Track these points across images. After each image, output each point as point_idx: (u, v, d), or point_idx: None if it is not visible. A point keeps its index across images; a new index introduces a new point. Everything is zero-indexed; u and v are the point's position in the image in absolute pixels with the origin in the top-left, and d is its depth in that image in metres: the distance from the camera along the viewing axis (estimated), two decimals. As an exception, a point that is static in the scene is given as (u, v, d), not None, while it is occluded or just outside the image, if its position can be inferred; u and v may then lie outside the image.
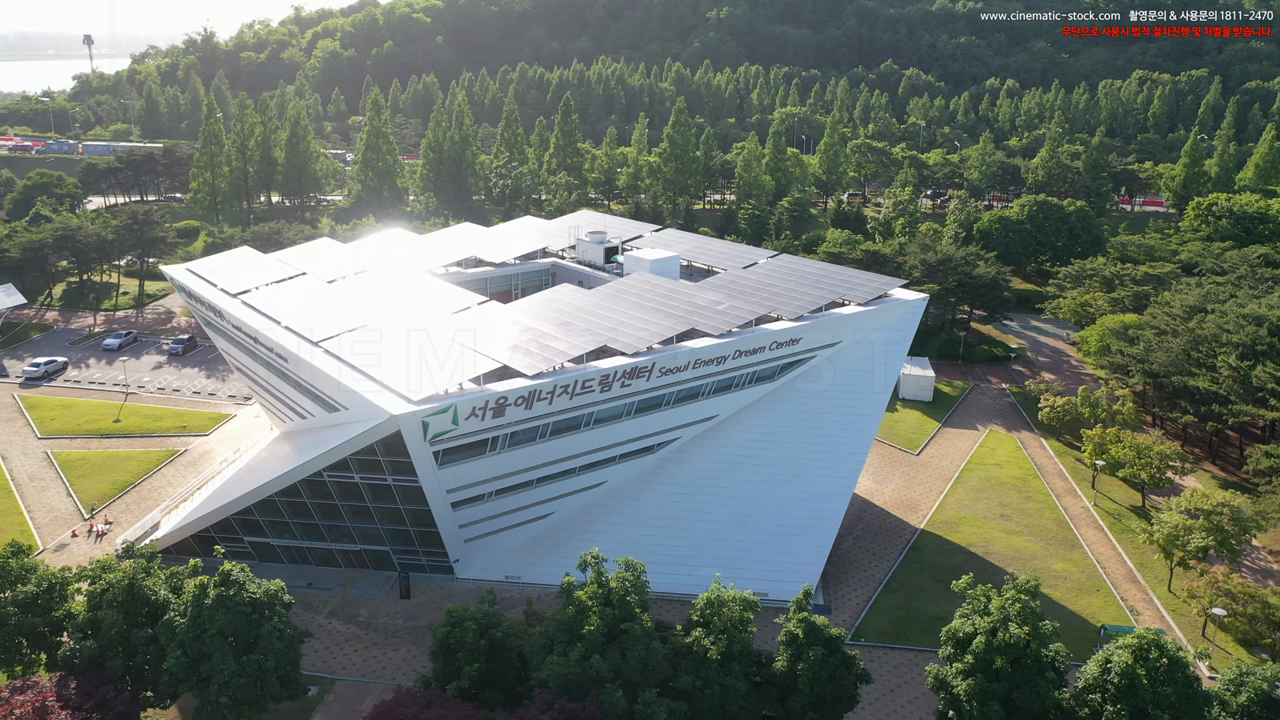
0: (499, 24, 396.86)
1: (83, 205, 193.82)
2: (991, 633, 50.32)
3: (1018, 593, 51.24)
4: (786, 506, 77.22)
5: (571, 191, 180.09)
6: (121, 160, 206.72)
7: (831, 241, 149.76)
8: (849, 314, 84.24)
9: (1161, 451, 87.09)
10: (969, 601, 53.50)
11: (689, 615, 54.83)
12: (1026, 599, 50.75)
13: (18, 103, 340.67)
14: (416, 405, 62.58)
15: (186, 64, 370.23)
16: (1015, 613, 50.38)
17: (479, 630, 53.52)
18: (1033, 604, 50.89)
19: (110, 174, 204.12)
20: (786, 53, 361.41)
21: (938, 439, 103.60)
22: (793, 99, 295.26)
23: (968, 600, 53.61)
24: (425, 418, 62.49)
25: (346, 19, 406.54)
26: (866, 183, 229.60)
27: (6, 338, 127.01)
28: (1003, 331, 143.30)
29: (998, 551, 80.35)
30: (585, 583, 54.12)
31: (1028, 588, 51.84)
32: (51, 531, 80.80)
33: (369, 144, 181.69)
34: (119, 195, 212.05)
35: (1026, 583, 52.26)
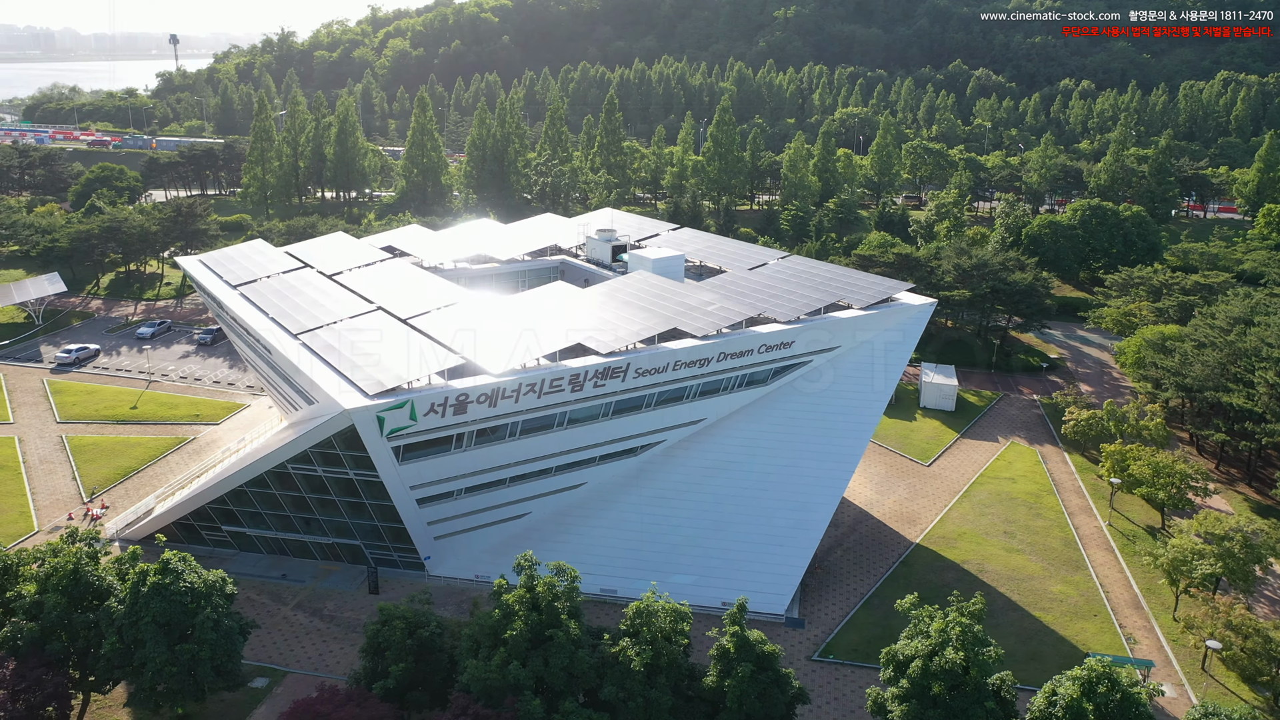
0: (567, 23, 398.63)
1: (143, 198, 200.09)
2: (929, 656, 47.46)
3: (960, 615, 48.21)
4: (769, 515, 74.77)
5: (611, 190, 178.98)
6: (183, 155, 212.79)
7: (867, 244, 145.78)
8: (847, 318, 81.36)
9: (1182, 471, 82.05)
10: (913, 622, 50.62)
11: (619, 624, 53.02)
12: (969, 623, 47.72)
13: (103, 100, 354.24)
14: (371, 399, 62.03)
15: (262, 63, 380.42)
16: (955, 636, 47.41)
17: (407, 629, 52.69)
18: (975, 628, 47.84)
19: (171, 168, 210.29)
20: (854, 53, 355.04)
21: (953, 450, 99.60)
22: (855, 99, 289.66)
23: (912, 620, 50.72)
24: (380, 412, 61.91)
25: (418, 19, 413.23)
26: (921, 185, 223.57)
27: (48, 324, 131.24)
28: (1044, 341, 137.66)
29: (993, 570, 76.59)
30: (517, 586, 52.78)
31: (972, 610, 48.78)
32: (50, 514, 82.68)
33: (414, 141, 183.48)
34: (180, 189, 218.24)
35: (971, 605, 49.17)
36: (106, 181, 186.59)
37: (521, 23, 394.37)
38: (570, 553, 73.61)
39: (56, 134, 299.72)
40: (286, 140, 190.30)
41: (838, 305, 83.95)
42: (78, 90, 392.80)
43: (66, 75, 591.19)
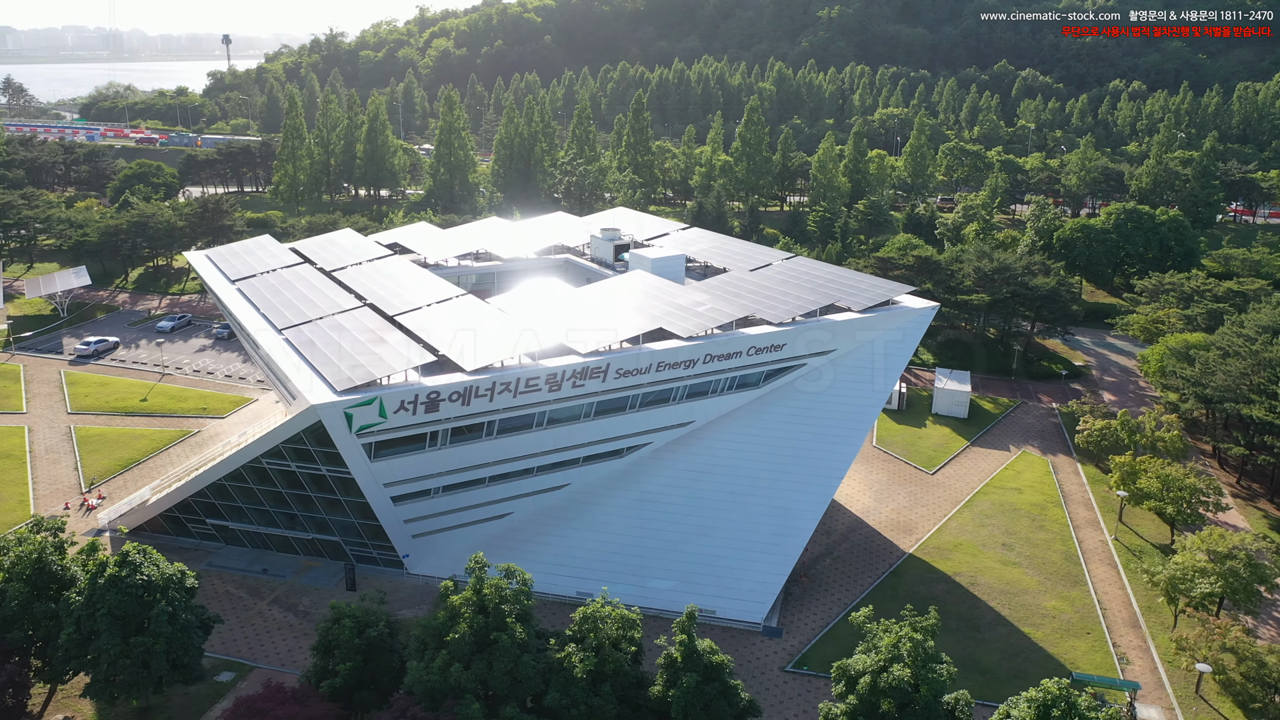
0: (610, 23, 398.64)
1: (181, 195, 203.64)
2: (878, 672, 45.69)
3: (912, 630, 46.34)
4: (753, 521, 73.23)
5: (636, 190, 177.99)
6: (221, 153, 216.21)
7: (890, 246, 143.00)
8: (841, 320, 79.47)
9: (1192, 485, 78.75)
10: (868, 636, 48.85)
11: (566, 629, 51.99)
12: (920, 638, 45.85)
13: (154, 98, 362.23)
14: (339, 396, 61.73)
15: (309, 63, 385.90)
16: (906, 652, 45.58)
17: (356, 628, 52.16)
18: (927, 644, 45.96)
19: (209, 165, 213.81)
20: (899, 53, 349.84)
21: (961, 458, 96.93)
22: (895, 100, 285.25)
23: (866, 634, 48.95)
24: (348, 409, 61.58)
25: (463, 19, 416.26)
26: (958, 187, 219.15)
27: (73, 317, 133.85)
28: (1071, 348, 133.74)
29: (985, 583, 74.13)
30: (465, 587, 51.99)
31: (924, 626, 46.87)
32: (48, 503, 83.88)
33: (441, 139, 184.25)
34: (218, 186, 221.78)
35: (924, 621, 47.26)
36: (144, 178, 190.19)
37: (565, 23, 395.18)
38: (550, 554, 73.52)
39: (107, 131, 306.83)
40: (318, 138, 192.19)
41: (835, 308, 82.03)
42: (132, 89, 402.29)
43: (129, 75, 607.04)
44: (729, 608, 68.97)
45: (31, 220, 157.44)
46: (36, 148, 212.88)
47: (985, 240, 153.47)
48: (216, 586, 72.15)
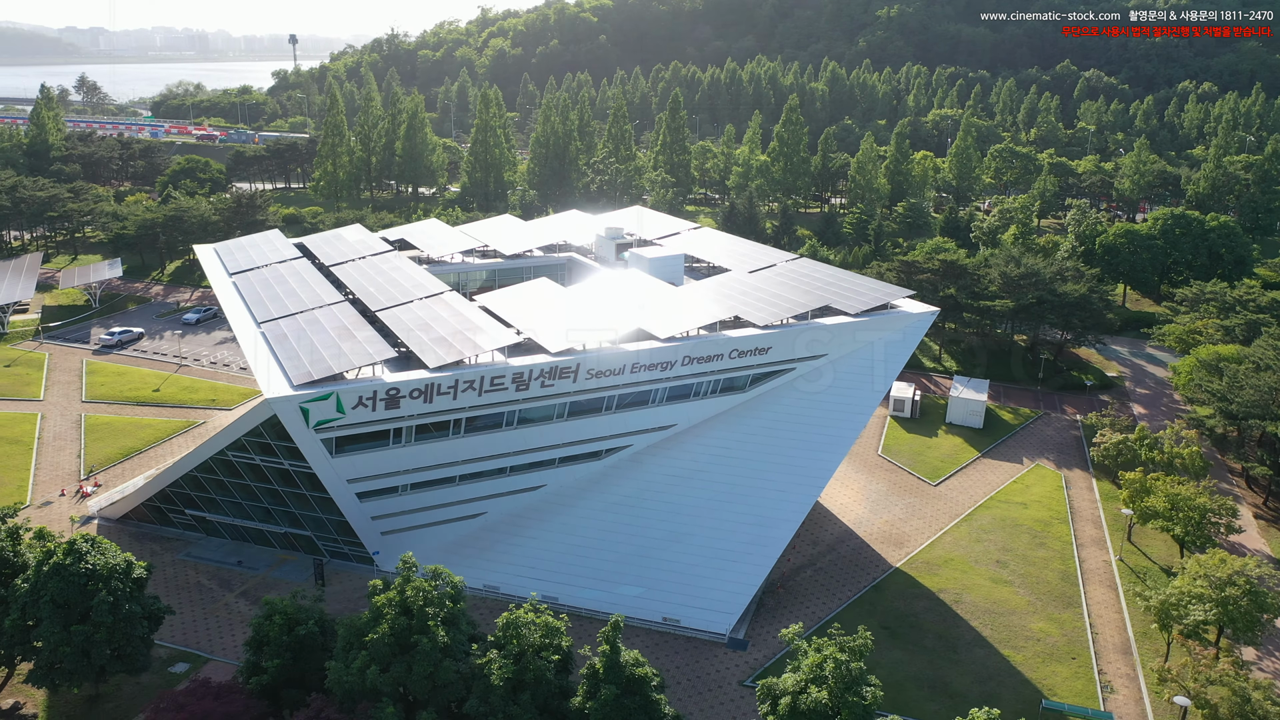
0: (666, 23, 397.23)
1: (228, 189, 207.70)
2: (798, 693, 43.50)
3: (836, 650, 44.03)
4: (728, 529, 71.17)
5: (669, 190, 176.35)
6: (269, 149, 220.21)
7: (920, 249, 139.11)
8: (831, 324, 76.96)
9: (1202, 505, 74.40)
10: (796, 654, 46.65)
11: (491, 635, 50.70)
12: (845, 658, 43.51)
13: (219, 97, 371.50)
14: (295, 390, 61.40)
15: (369, 62, 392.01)
16: (829, 673, 43.32)
17: (285, 625, 51.59)
18: (852, 665, 43.60)
19: (257, 162, 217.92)
20: (960, 52, 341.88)
21: (969, 470, 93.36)
22: (950, 101, 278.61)
23: (794, 651, 46.75)
24: (304, 403, 61.22)
25: (520, 19, 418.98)
26: (1007, 190, 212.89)
27: (104, 307, 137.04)
28: (1106, 357, 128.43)
29: (970, 601, 70.94)
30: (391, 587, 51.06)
31: (852, 646, 44.50)
32: (46, 489, 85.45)
33: (477, 137, 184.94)
34: (265, 182, 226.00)
35: (853, 640, 44.89)
36: (191, 173, 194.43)
37: (621, 22, 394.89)
38: (521, 556, 72.50)
39: (172, 128, 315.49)
40: (358, 135, 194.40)
41: (829, 310, 79.54)
42: (201, 88, 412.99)
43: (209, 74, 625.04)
44: (695, 617, 67.06)
45: (76, 213, 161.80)
46: (95, 143, 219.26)
47: (1024, 245, 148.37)
48: (189, 577, 72.56)
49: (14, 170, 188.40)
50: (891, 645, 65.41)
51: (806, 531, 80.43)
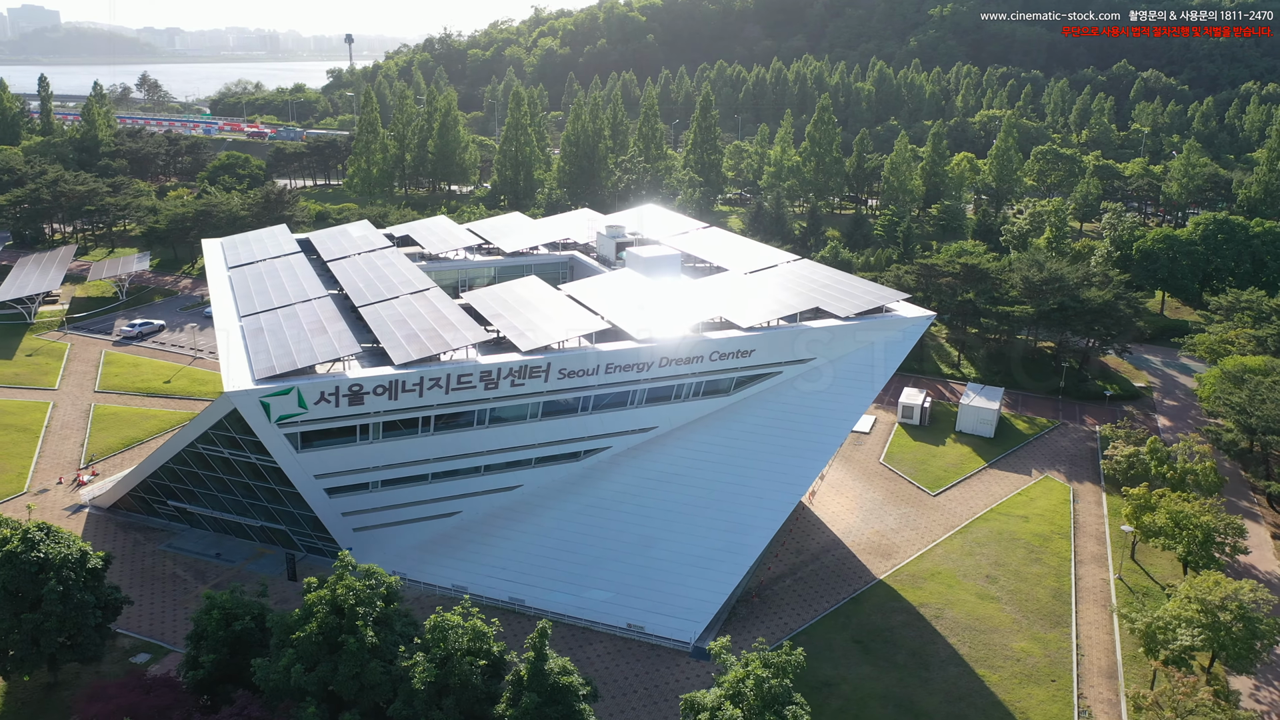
0: (716, 22, 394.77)
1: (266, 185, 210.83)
2: (715, 710, 41.85)
3: (759, 667, 42.24)
4: (702, 535, 69.55)
5: (696, 189, 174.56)
6: (309, 146, 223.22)
7: (945, 252, 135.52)
8: (818, 328, 74.86)
9: (1206, 523, 70.73)
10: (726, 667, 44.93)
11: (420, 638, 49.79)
12: (766, 675, 41.72)
13: (274, 95, 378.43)
14: (256, 384, 61.30)
15: (420, 61, 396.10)
16: (749, 690, 41.58)
17: (223, 620, 51.31)
18: (775, 683, 41.79)
19: (297, 158, 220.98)
20: (1014, 52, 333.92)
21: (972, 480, 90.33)
22: (999, 101, 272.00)
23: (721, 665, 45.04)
24: (264, 397, 61.07)
25: (570, 19, 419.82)
26: (1050, 193, 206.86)
27: (130, 299, 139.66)
28: (1136, 366, 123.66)
29: (951, 617, 68.29)
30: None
31: (777, 662, 42.66)
32: (45, 477, 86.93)
33: (507, 135, 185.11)
34: (305, 178, 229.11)
35: (777, 656, 43.04)
36: (230, 169, 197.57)
37: (670, 21, 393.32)
38: (493, 558, 71.73)
39: (225, 125, 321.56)
40: (393, 133, 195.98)
41: (821, 313, 77.39)
42: (260, 86, 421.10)
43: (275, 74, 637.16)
44: (660, 625, 65.54)
45: (113, 207, 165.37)
46: (143, 139, 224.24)
47: (1058, 249, 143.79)
48: (166, 568, 73.08)
49: (63, 165, 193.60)
50: (861, 660, 63.22)
51: (792, 539, 78.43)
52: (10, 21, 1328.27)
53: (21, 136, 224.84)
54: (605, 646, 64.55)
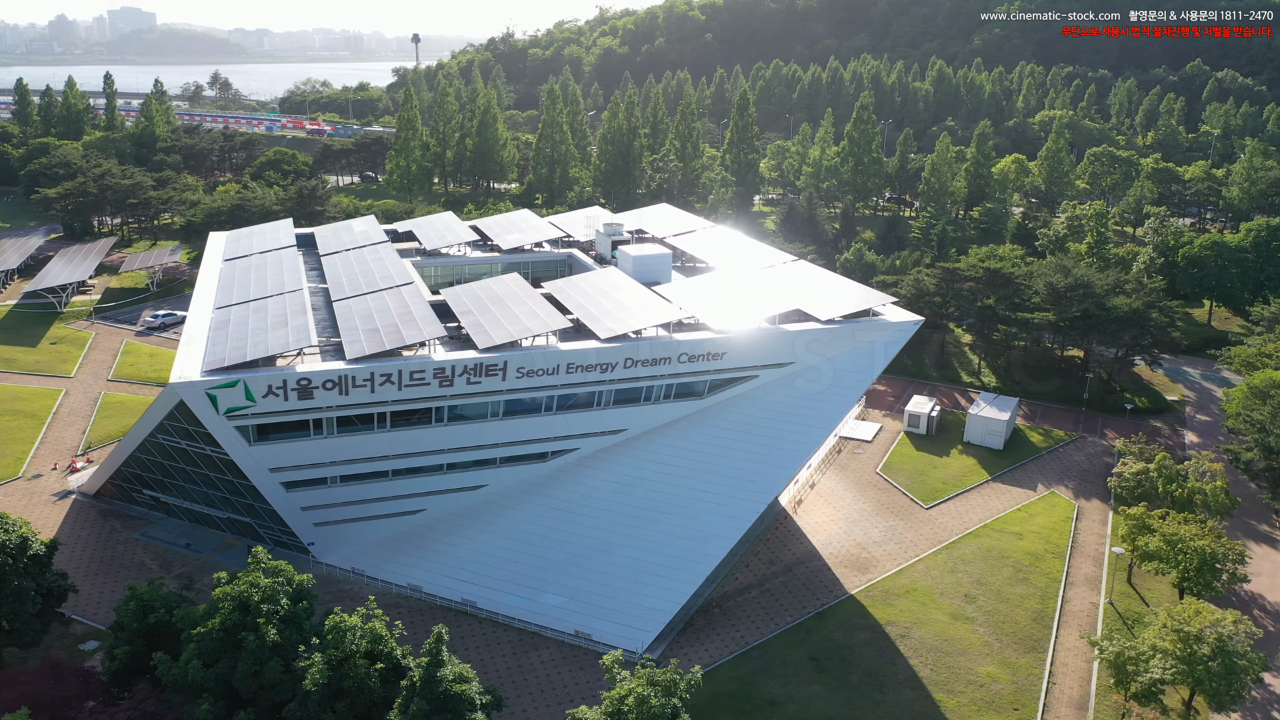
0: (777, 21, 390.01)
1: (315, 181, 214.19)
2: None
3: (640, 685, 40.22)
4: (662, 542, 67.68)
5: (729, 189, 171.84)
6: (356, 143, 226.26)
7: (973, 256, 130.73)
8: (795, 331, 72.36)
9: (1202, 548, 66.22)
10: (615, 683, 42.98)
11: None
12: (650, 693, 39.69)
13: (338, 93, 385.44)
14: (202, 376, 61.25)
15: (481, 60, 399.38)
16: (630, 708, 39.61)
17: (139, 611, 51.09)
18: (658, 702, 39.74)
19: (344, 155, 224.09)
20: (1082, 52, 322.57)
21: (971, 494, 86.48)
22: (1062, 102, 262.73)
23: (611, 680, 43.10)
24: (210, 390, 61.00)
25: (630, 18, 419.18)
26: (1105, 196, 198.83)
27: (161, 290, 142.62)
28: (1172, 379, 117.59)
29: (918, 637, 65.08)
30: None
31: (662, 680, 40.58)
32: (42, 462, 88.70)
33: (543, 134, 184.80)
34: (352, 175, 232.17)
35: (662, 673, 40.95)
36: (276, 165, 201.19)
37: (730, 20, 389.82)
38: (451, 557, 70.84)
39: (287, 123, 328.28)
40: (433, 131, 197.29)
41: (803, 316, 74.80)
42: (328, 85, 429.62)
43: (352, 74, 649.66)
44: (609, 633, 63.67)
45: (156, 200, 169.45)
46: (198, 135, 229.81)
47: (1099, 256, 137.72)
48: (135, 556, 73.71)
49: (119, 159, 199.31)
50: (813, 679, 60.55)
51: (766, 549, 75.90)
52: (110, 23, 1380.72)
53: (85, 132, 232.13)
54: (552, 653, 63.03)
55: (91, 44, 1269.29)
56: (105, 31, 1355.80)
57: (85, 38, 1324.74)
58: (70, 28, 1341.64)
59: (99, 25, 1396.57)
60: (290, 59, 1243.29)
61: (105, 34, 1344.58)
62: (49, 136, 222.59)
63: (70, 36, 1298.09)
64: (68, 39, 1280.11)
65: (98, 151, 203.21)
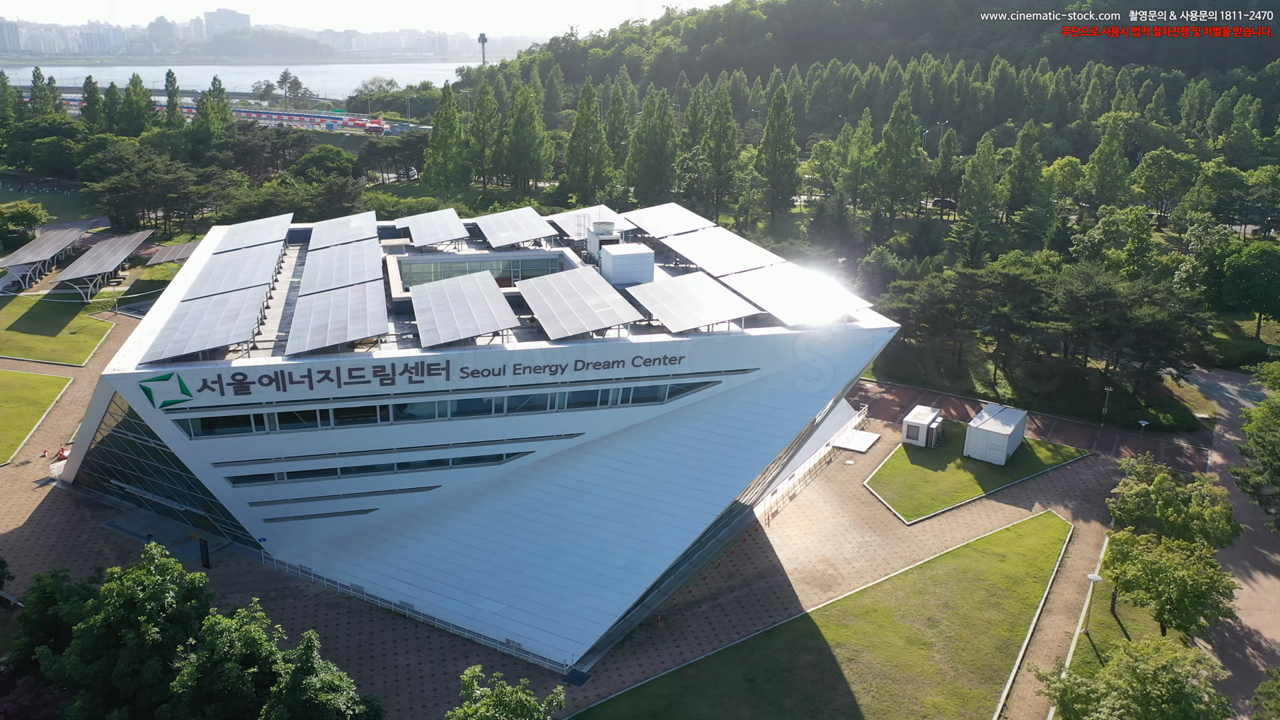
0: (841, 20, 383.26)
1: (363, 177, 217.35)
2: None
3: (494, 705, 38.16)
4: (606, 551, 65.62)
5: (759, 189, 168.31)
6: (401, 141, 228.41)
7: (1000, 262, 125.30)
8: (759, 336, 69.75)
9: (1184, 578, 61.45)
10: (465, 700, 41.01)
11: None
12: (495, 715, 37.62)
13: (403, 93, 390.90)
14: (136, 369, 61.17)
15: (543, 60, 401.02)
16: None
17: (40, 603, 50.88)
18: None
19: (389, 152, 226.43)
20: (1158, 51, 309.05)
21: (960, 511, 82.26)
22: (1129, 103, 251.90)
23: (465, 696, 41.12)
24: (144, 383, 60.86)
25: (692, 18, 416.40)
26: (1162, 202, 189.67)
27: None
28: (1206, 395, 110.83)
29: (867, 661, 61.65)
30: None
31: (513, 701, 38.46)
32: (36, 449, 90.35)
33: (577, 132, 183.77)
34: (396, 172, 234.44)
35: (514, 693, 38.80)
36: (320, 162, 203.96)
37: (793, 20, 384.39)
38: (399, 558, 69.86)
39: (348, 121, 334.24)
40: (472, 129, 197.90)
41: (771, 320, 71.98)
42: (394, 84, 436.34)
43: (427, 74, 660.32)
44: (541, 643, 61.74)
45: (194, 195, 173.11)
46: (252, 132, 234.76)
47: (1140, 263, 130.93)
48: (94, 545, 74.18)
49: (173, 155, 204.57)
50: (743, 701, 57.73)
51: (729, 561, 73.10)
52: (206, 25, 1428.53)
53: (145, 128, 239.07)
54: (481, 661, 60.74)
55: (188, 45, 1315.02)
56: (201, 33, 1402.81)
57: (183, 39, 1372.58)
58: (169, 29, 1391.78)
59: (195, 27, 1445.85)
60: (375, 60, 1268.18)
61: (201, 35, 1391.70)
62: (109, 133, 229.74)
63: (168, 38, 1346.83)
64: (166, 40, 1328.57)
65: (152, 147, 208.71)
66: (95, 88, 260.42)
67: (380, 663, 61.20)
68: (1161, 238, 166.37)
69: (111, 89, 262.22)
